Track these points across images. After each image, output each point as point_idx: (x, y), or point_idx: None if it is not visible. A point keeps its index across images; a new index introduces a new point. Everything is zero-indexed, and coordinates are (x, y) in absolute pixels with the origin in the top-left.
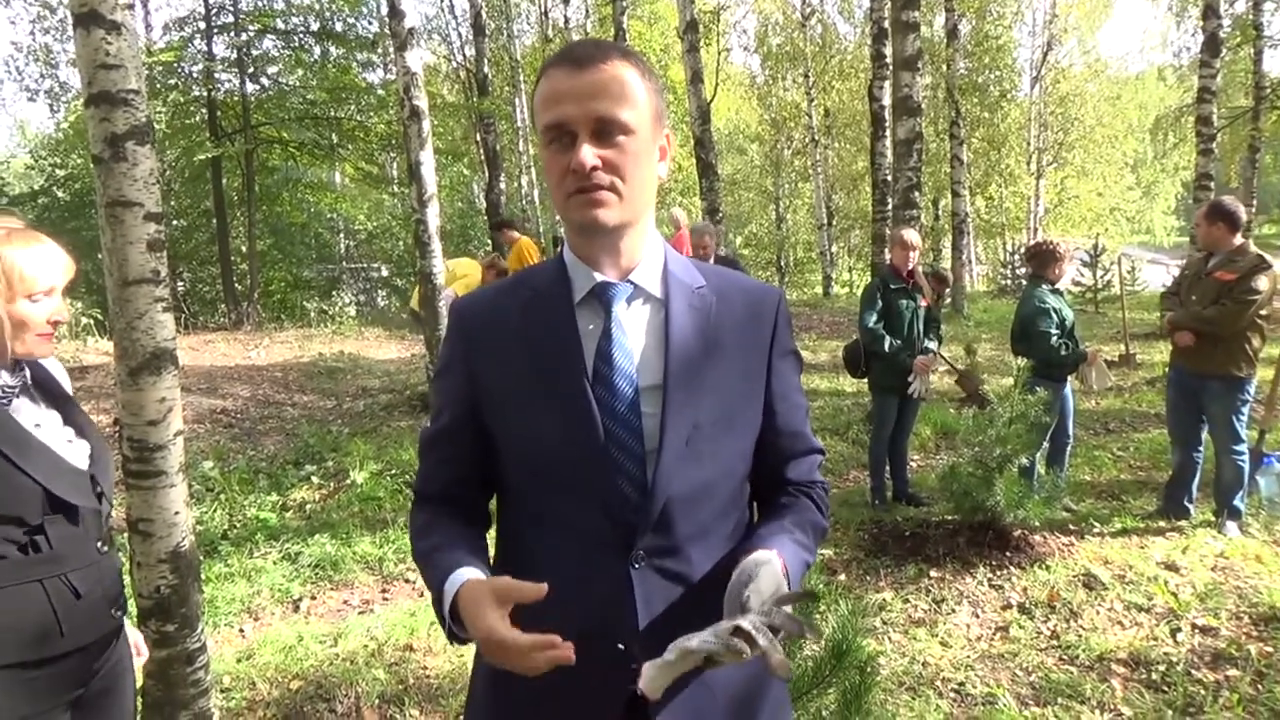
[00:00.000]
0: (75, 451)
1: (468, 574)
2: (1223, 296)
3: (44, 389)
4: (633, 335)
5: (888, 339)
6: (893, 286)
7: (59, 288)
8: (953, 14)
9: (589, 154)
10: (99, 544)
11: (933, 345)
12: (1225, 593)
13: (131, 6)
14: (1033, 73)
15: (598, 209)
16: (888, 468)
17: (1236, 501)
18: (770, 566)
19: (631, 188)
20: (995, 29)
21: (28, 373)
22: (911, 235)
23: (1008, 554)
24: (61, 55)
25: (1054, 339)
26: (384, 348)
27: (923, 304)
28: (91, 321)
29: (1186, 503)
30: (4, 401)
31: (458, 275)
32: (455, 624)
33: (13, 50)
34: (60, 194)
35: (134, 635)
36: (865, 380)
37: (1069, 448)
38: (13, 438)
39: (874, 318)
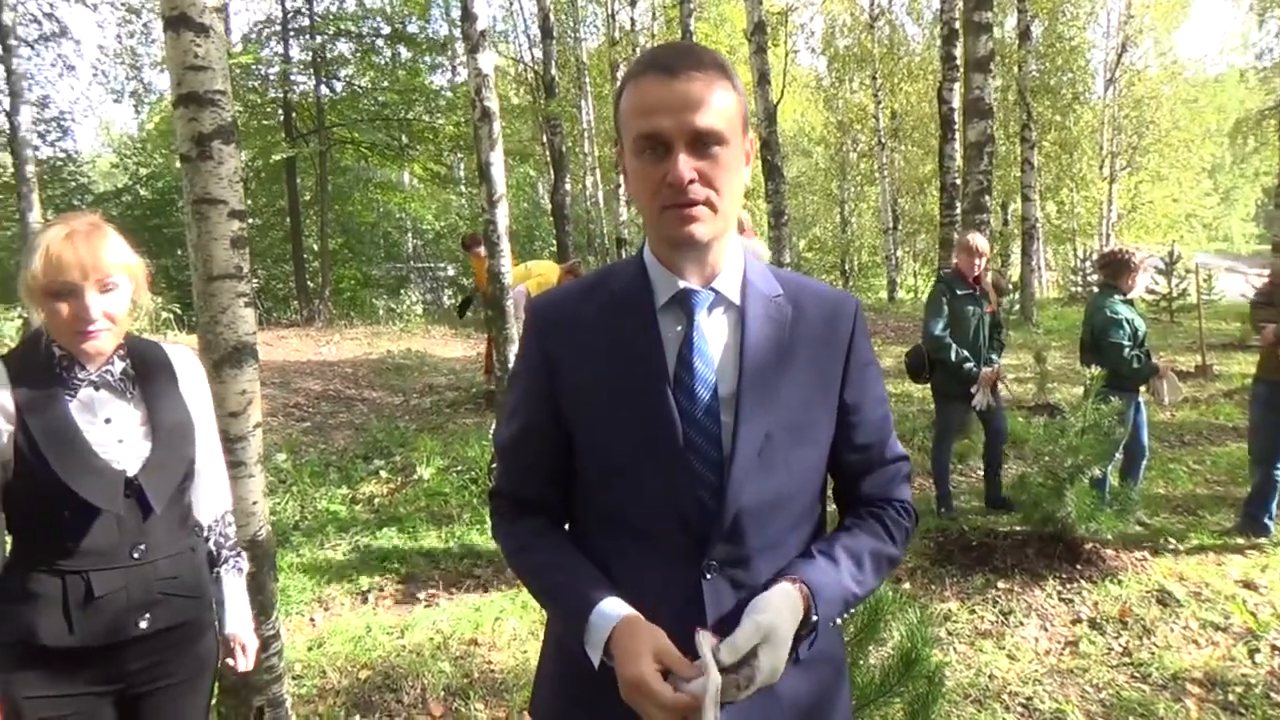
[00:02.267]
0: (126, 452)
1: (620, 608)
2: None
3: (144, 382)
4: (713, 342)
5: (954, 347)
6: (959, 292)
7: (107, 286)
8: (1025, 15)
9: (686, 167)
10: (134, 549)
11: (995, 355)
12: None
13: (219, 10)
14: (1107, 75)
15: (693, 225)
16: (976, 474)
17: None
18: (764, 601)
19: (725, 200)
20: (1069, 30)
21: (119, 365)
22: (979, 240)
23: (1078, 567)
24: (145, 58)
25: (1126, 350)
26: (450, 345)
27: (988, 310)
28: (171, 316)
29: (1267, 520)
30: (69, 393)
31: (533, 274)
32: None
33: (100, 54)
34: (143, 192)
35: (248, 640)
36: (929, 386)
37: (1143, 460)
38: (53, 431)
39: (940, 324)
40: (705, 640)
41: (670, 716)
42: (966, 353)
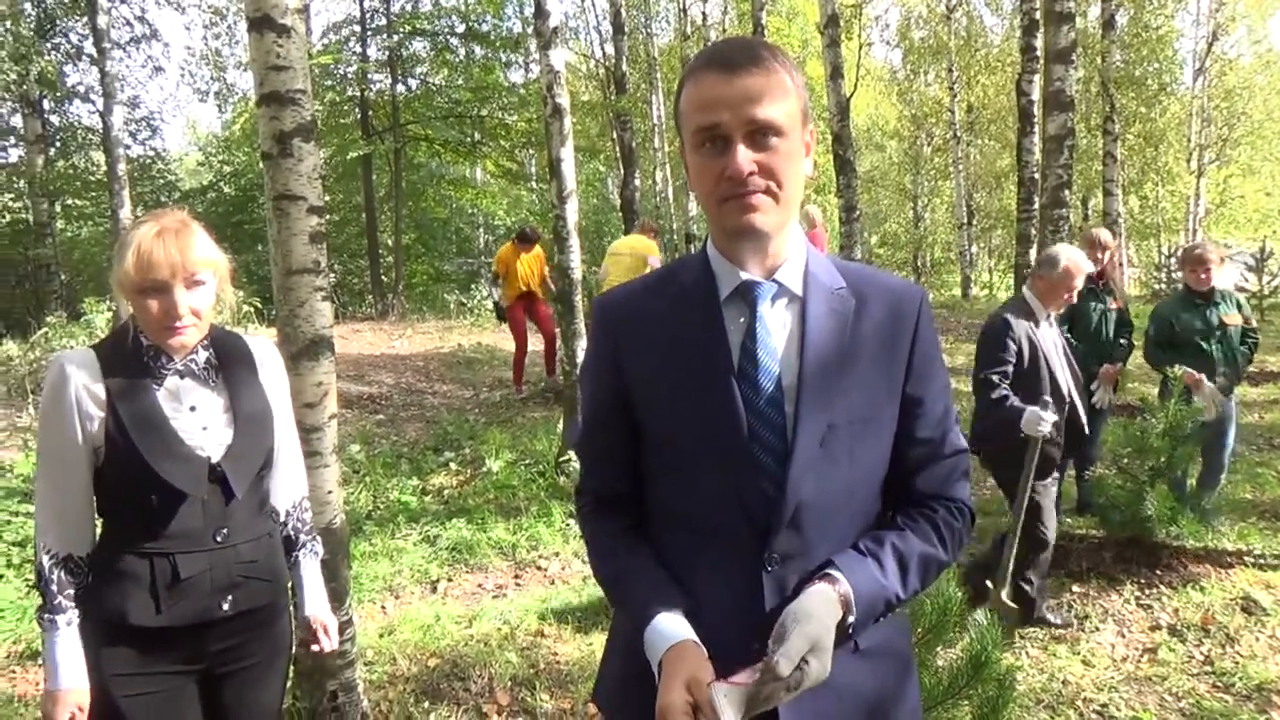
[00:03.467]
0: (210, 439)
1: (675, 629)
2: None
3: (226, 371)
4: (776, 334)
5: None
6: (1081, 288)
7: (194, 283)
8: (1110, 3)
9: (746, 158)
10: (218, 532)
11: (1122, 352)
12: None
13: (301, 11)
14: (1196, 64)
15: (753, 214)
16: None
17: None
18: (806, 610)
19: (786, 191)
20: (1155, 18)
21: (202, 355)
22: (1104, 235)
23: (1157, 572)
24: (229, 59)
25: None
26: None
27: (1113, 306)
28: (252, 309)
29: None
30: (156, 382)
31: (637, 251)
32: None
33: (187, 55)
34: (227, 189)
35: (328, 620)
36: None
37: (1228, 463)
38: (141, 418)
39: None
40: (719, 692)
41: None
42: (1084, 347)
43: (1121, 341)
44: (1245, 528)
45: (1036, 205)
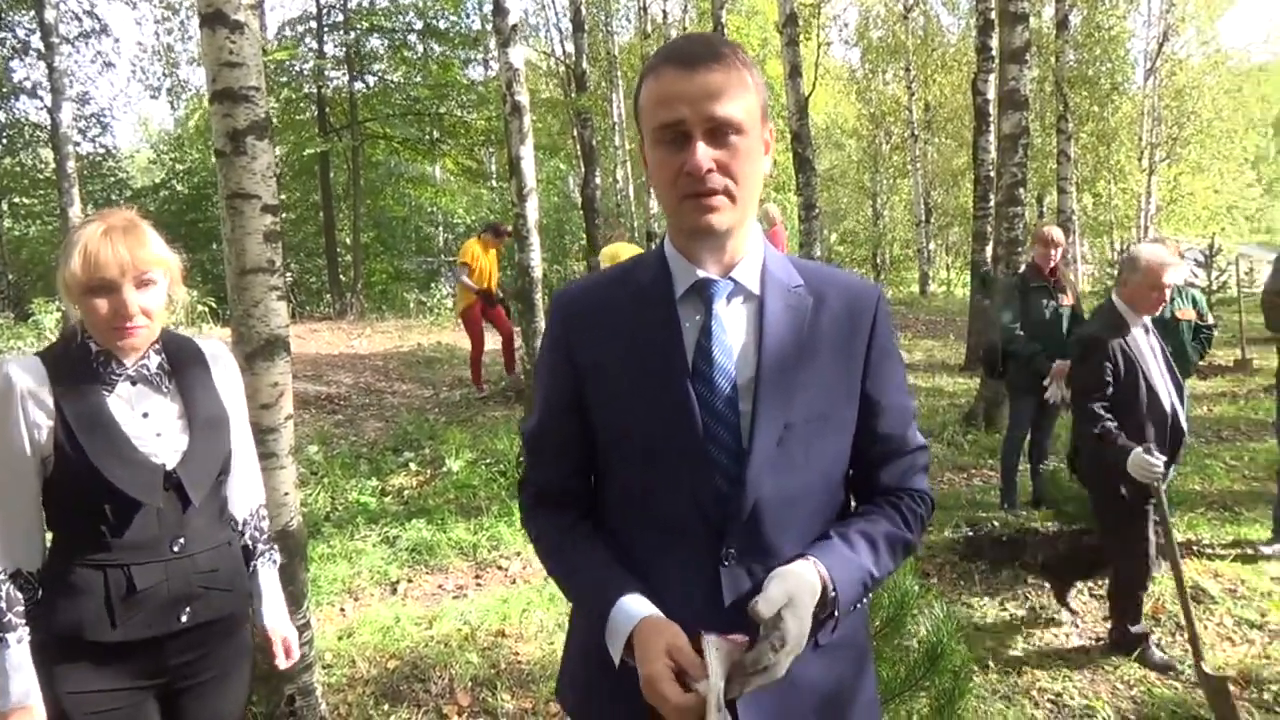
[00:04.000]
0: (164, 445)
1: (640, 607)
2: None
3: (179, 376)
4: (732, 332)
5: (1023, 340)
6: (1033, 285)
7: (144, 282)
8: (1063, 4)
9: (705, 156)
10: (174, 542)
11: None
12: None
13: (253, 7)
14: (1147, 64)
15: (711, 214)
16: (1023, 470)
17: None
18: (784, 570)
19: (743, 189)
20: (1108, 19)
21: (155, 359)
22: (1055, 232)
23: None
24: (182, 55)
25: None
26: None
27: (1066, 303)
28: (206, 309)
29: None
30: (107, 388)
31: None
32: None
33: (138, 50)
34: (179, 187)
35: (287, 633)
36: (978, 380)
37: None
38: (92, 426)
39: (1010, 316)
40: (710, 644)
41: (683, 716)
42: (1037, 344)
43: (1074, 337)
44: (1194, 518)
45: (992, 203)
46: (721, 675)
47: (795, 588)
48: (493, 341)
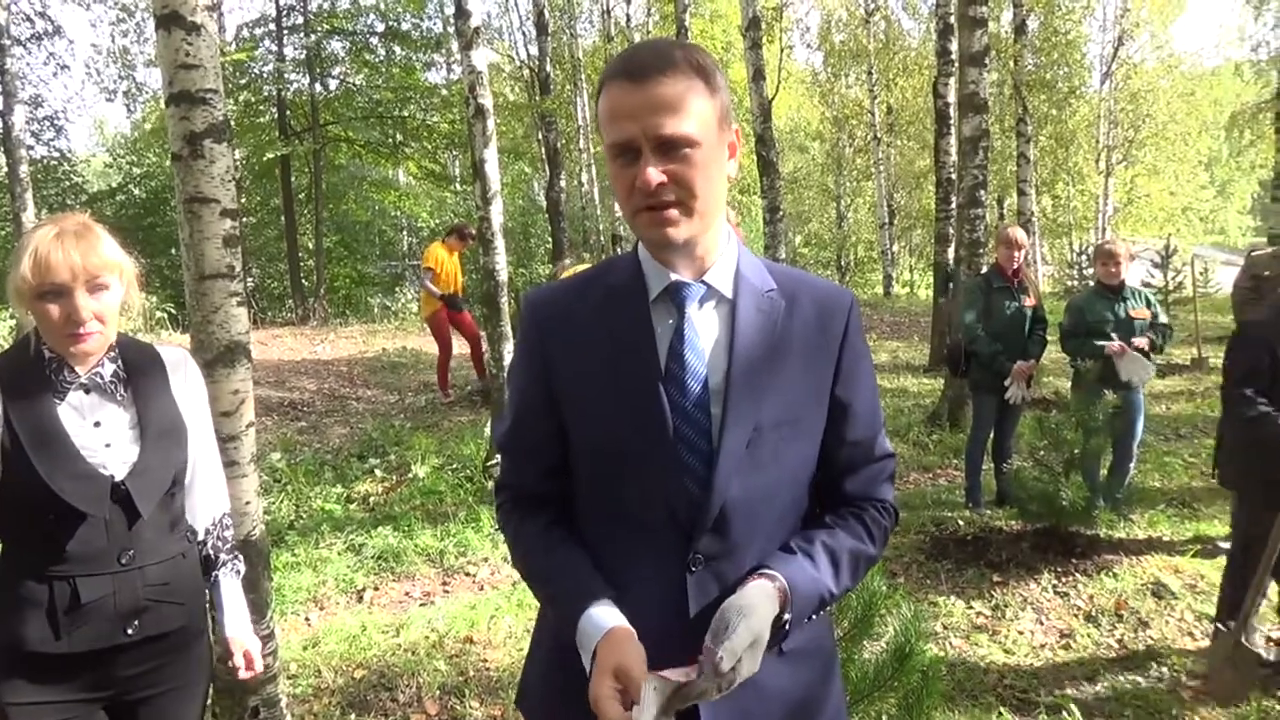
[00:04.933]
0: (113, 456)
1: (608, 618)
2: None
3: (135, 383)
4: (704, 335)
5: (985, 339)
6: (996, 285)
7: (97, 286)
8: (1021, 9)
9: (654, 173)
10: (123, 554)
11: (1036, 349)
12: None
13: (211, 9)
14: (1103, 68)
15: (666, 227)
16: (987, 469)
17: None
18: (749, 604)
19: (700, 200)
20: (1064, 24)
21: (109, 366)
22: (1017, 233)
23: (1073, 560)
24: (138, 57)
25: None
26: None
27: (1028, 304)
28: (165, 315)
29: None
30: (58, 396)
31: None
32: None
33: (93, 52)
34: (137, 191)
35: (250, 644)
36: (943, 380)
37: (1137, 453)
38: (40, 435)
39: (973, 316)
40: (649, 683)
41: None
42: (1000, 345)
43: (1036, 337)
44: (1155, 515)
45: (954, 205)
46: (652, 714)
47: (760, 626)
48: (460, 346)
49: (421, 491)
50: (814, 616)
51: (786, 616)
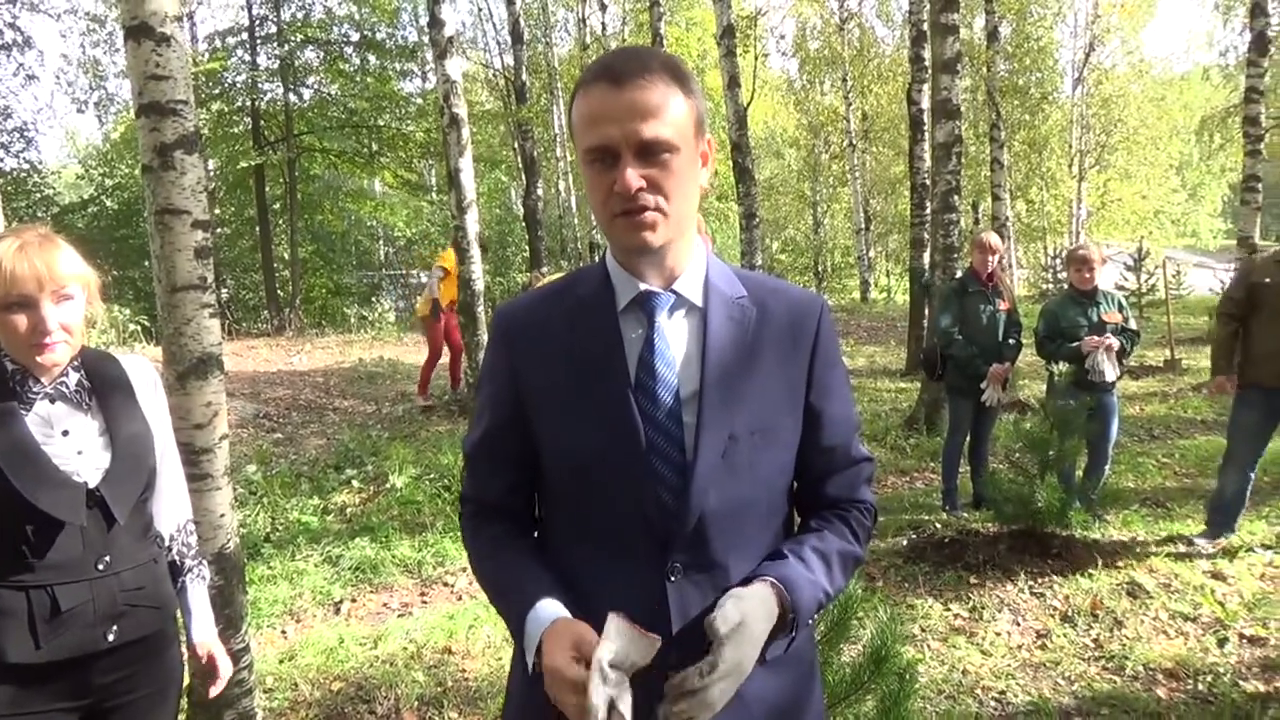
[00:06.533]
0: (86, 464)
1: (555, 611)
2: None
3: (100, 393)
4: (675, 345)
5: (960, 342)
6: (970, 289)
7: (63, 297)
8: (993, 16)
9: (633, 177)
10: (99, 560)
11: (1011, 352)
12: (1274, 602)
13: (180, 20)
14: (1075, 74)
15: (644, 231)
16: (964, 471)
17: None
18: (736, 591)
19: (676, 205)
20: (1036, 30)
21: (74, 376)
22: (992, 238)
23: (1049, 561)
24: (110, 67)
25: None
26: (423, 353)
27: (1003, 308)
28: (139, 327)
29: (1235, 522)
30: (25, 407)
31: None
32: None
33: (63, 63)
34: (109, 203)
35: (216, 650)
36: (920, 384)
37: (1112, 454)
38: (10, 446)
39: (949, 320)
40: (611, 620)
41: (580, 699)
42: (975, 348)
43: (1011, 341)
44: (1129, 515)
45: (929, 210)
46: (612, 649)
47: (750, 611)
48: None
49: (399, 502)
50: (815, 617)
51: (791, 616)
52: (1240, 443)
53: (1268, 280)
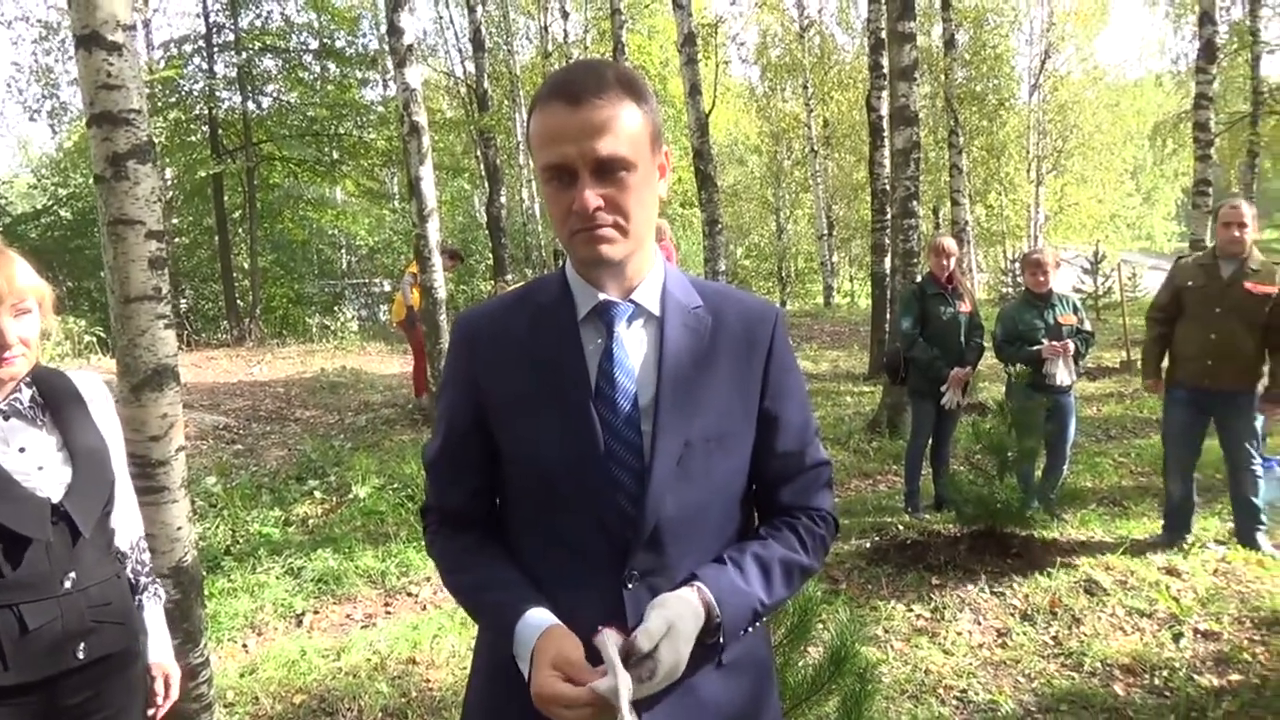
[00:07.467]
0: (47, 479)
1: (545, 619)
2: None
3: (54, 409)
4: (633, 354)
5: (922, 345)
6: (930, 292)
7: (20, 310)
8: (950, 23)
9: (591, 197)
10: (65, 577)
11: (972, 355)
12: (1227, 597)
13: (132, 28)
14: (1031, 80)
15: (602, 245)
16: (926, 474)
17: (1263, 516)
18: (663, 599)
19: (635, 220)
20: (993, 38)
21: (26, 392)
22: (946, 242)
23: (1008, 561)
24: (63, 76)
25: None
26: (386, 362)
27: (964, 310)
28: (94, 339)
29: (1190, 524)
30: None
31: None
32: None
33: (14, 71)
34: (63, 213)
35: (170, 670)
36: (882, 388)
37: (1070, 454)
38: None
39: (910, 323)
40: (610, 639)
41: (578, 715)
42: (936, 351)
43: (974, 343)
44: (1086, 514)
45: (889, 215)
46: (627, 684)
47: (676, 615)
48: (404, 364)
49: (362, 512)
50: (752, 627)
51: (717, 620)
52: (1174, 445)
53: (1190, 284)
